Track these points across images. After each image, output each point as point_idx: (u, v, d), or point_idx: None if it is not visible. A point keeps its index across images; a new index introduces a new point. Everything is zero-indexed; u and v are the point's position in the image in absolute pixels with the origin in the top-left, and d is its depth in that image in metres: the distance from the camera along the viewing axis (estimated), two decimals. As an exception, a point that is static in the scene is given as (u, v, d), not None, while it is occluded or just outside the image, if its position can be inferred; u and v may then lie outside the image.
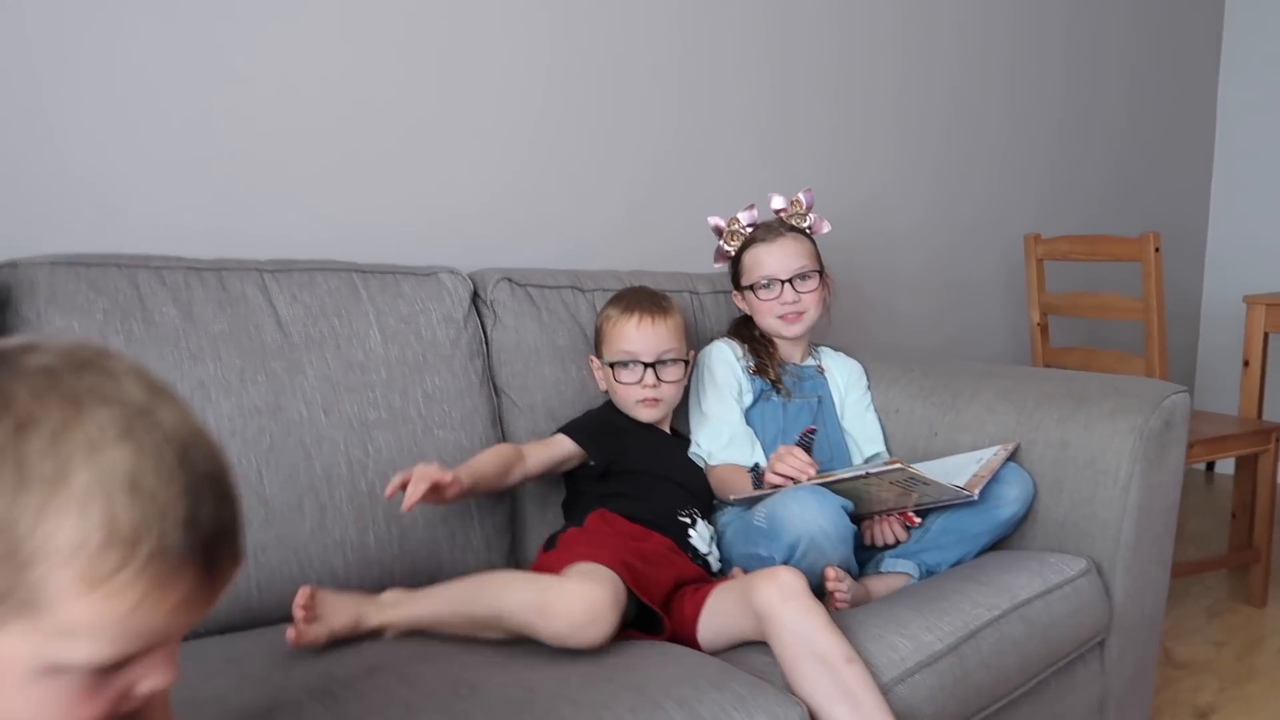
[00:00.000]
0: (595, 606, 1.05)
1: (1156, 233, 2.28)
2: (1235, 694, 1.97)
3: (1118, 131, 3.20)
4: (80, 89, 1.37)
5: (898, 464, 1.32)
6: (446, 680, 1.01)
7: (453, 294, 1.50)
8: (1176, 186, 3.50)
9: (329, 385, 1.33)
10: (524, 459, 1.41)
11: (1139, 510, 1.45)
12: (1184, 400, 1.51)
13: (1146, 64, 3.27)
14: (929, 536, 1.48)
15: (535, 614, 1.06)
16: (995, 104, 2.77)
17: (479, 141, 1.77)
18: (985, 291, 2.80)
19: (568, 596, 1.06)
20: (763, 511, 1.33)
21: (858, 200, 2.42)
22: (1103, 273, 2.74)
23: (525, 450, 1.42)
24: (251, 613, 1.24)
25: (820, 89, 2.33)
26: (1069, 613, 1.38)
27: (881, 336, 2.47)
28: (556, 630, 1.05)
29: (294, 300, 1.35)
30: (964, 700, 1.21)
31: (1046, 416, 1.53)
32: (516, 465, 1.39)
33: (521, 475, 1.41)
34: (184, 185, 1.46)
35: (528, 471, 1.41)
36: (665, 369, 1.51)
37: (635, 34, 1.97)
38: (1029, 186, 2.90)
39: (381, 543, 1.33)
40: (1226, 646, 2.19)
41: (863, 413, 1.73)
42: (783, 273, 1.63)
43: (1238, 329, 2.67)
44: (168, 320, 1.24)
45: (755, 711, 0.98)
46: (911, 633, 1.19)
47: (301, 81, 1.56)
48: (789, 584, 1.12)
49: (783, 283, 1.63)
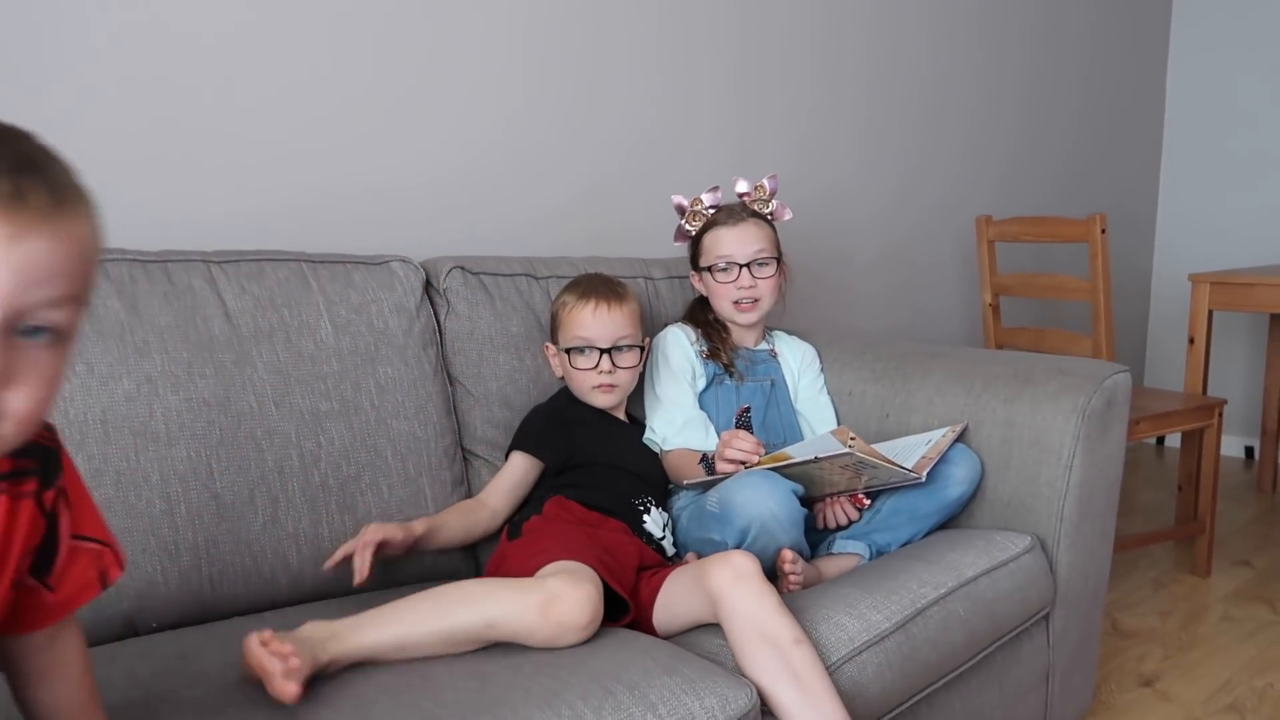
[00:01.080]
0: (593, 608, 1.07)
1: (1103, 214, 2.32)
2: (1179, 661, 2.03)
3: (1073, 115, 3.25)
4: (18, 74, 1.34)
5: (847, 449, 1.34)
6: (400, 670, 1.01)
7: (405, 283, 1.49)
8: (1128, 168, 3.57)
9: (279, 377, 1.33)
10: (486, 504, 1.43)
11: (1081, 487, 1.49)
12: (1125, 380, 1.55)
13: (1099, 49, 3.32)
14: (879, 517, 1.51)
15: (536, 617, 1.05)
16: (957, 90, 2.80)
17: (429, 128, 1.75)
18: (940, 273, 2.84)
19: (569, 599, 1.06)
20: (715, 497, 1.35)
21: (820, 186, 2.44)
22: (1055, 254, 2.79)
23: (483, 495, 1.44)
24: (204, 606, 1.23)
25: (785, 76, 2.34)
26: (1014, 589, 1.41)
27: (838, 319, 2.50)
28: (553, 633, 1.05)
29: (242, 291, 1.34)
30: (911, 676, 1.24)
31: (993, 397, 1.56)
32: (479, 511, 1.42)
33: (490, 519, 1.42)
34: (128, 176, 1.44)
35: (496, 511, 1.43)
36: (621, 355, 1.52)
37: (594, 19, 1.96)
38: (986, 170, 2.94)
39: (335, 535, 1.33)
40: (1171, 616, 2.26)
41: (816, 395, 1.75)
42: (740, 256, 1.65)
43: (1185, 307, 2.73)
44: (112, 314, 1.23)
45: (705, 694, 1.00)
46: (860, 612, 1.22)
47: (247, 69, 1.54)
48: (742, 567, 1.14)
49: (740, 266, 1.64)
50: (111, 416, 1.19)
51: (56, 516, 0.71)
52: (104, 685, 0.85)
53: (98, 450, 1.17)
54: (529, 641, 1.06)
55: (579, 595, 1.07)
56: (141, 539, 1.19)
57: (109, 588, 0.77)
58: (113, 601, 1.16)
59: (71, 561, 0.73)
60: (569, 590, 1.07)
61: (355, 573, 1.23)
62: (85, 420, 1.17)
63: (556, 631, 1.05)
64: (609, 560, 1.21)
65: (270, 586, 1.28)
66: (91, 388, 1.18)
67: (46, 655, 0.76)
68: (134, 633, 1.19)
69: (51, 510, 0.71)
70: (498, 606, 1.07)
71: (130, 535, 1.18)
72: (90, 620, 1.14)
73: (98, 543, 0.76)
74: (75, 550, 0.74)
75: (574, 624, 1.05)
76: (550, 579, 1.10)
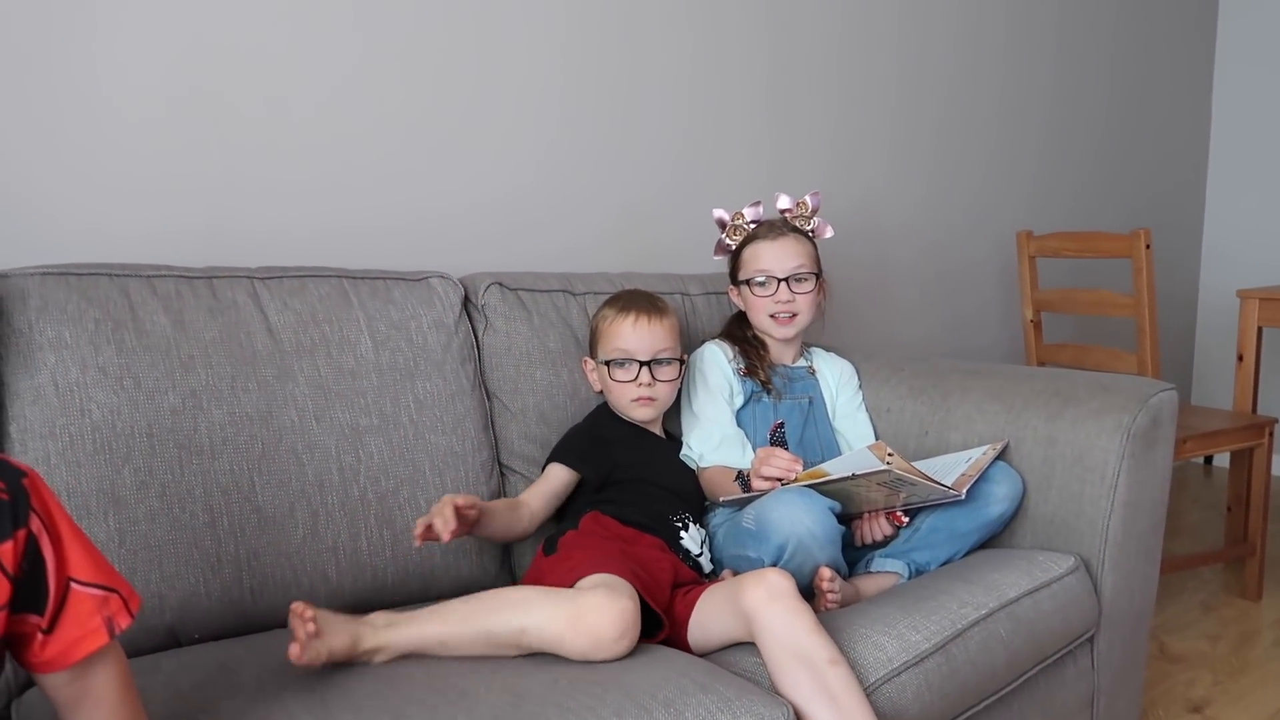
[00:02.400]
0: (626, 620, 1.06)
1: (1147, 229, 2.28)
2: (1229, 687, 1.98)
3: (1115, 125, 3.21)
4: (65, 97, 1.38)
5: (885, 466, 1.33)
6: (436, 686, 1.02)
7: (443, 299, 1.51)
8: (1172, 179, 3.50)
9: (320, 392, 1.34)
10: (527, 504, 1.43)
11: (1126, 507, 1.46)
12: (1171, 398, 1.52)
13: (1141, 58, 3.27)
14: (918, 535, 1.49)
15: (568, 628, 1.05)
16: (987, 98, 2.77)
17: (468, 147, 1.77)
18: (977, 283, 2.81)
19: (600, 611, 1.06)
20: (751, 514, 1.34)
21: (853, 197, 2.43)
22: (1096, 267, 2.75)
23: (523, 498, 1.45)
24: (245, 618, 1.25)
25: (816, 88, 2.34)
26: (1056, 610, 1.38)
27: (874, 328, 2.48)
28: (586, 646, 1.05)
29: (284, 307, 1.37)
30: (951, 698, 1.22)
31: (1035, 415, 1.54)
32: (521, 510, 1.42)
33: (529, 519, 1.43)
34: (174, 195, 1.47)
35: (534, 514, 1.43)
36: (661, 368, 1.52)
37: (629, 38, 1.97)
38: (1021, 179, 2.91)
39: (374, 548, 1.34)
40: (1221, 640, 2.20)
41: (854, 412, 1.74)
42: (779, 271, 1.64)
43: (1234, 323, 2.67)
44: (159, 329, 1.26)
45: (740, 713, 0.99)
46: (898, 632, 1.20)
47: (291, 89, 1.57)
48: (777, 585, 1.13)
49: (779, 281, 1.64)
50: (157, 430, 1.21)
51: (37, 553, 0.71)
52: (146, 695, 0.87)
53: (144, 463, 1.19)
54: (561, 652, 1.06)
55: (610, 608, 1.06)
56: (185, 551, 1.21)
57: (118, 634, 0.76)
58: (155, 613, 1.18)
59: (71, 605, 0.73)
60: (601, 603, 1.07)
61: (443, 531, 1.20)
62: (132, 433, 1.19)
63: (589, 644, 1.05)
64: (644, 576, 1.21)
65: (309, 598, 1.25)
66: (139, 401, 1.21)
67: (73, 688, 0.77)
68: (176, 643, 1.21)
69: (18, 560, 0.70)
70: (529, 615, 1.08)
71: (174, 547, 1.20)
72: (134, 631, 1.15)
73: (101, 589, 0.75)
74: (75, 596, 0.73)
75: (605, 637, 1.05)
76: (586, 591, 1.10)
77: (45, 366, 1.17)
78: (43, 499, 0.73)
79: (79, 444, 1.16)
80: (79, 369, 1.18)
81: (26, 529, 0.71)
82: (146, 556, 1.18)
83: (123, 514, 1.17)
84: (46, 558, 0.72)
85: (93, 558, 0.75)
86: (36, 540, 0.71)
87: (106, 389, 1.19)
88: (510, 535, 1.42)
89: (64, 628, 0.73)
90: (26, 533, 0.71)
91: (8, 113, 1.34)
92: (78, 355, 1.18)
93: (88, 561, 0.75)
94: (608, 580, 1.13)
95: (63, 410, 1.16)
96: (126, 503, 1.18)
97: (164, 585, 1.19)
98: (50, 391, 1.16)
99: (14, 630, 0.72)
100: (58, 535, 0.73)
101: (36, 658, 0.73)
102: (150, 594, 1.18)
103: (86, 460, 1.16)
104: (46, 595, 0.72)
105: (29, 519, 0.71)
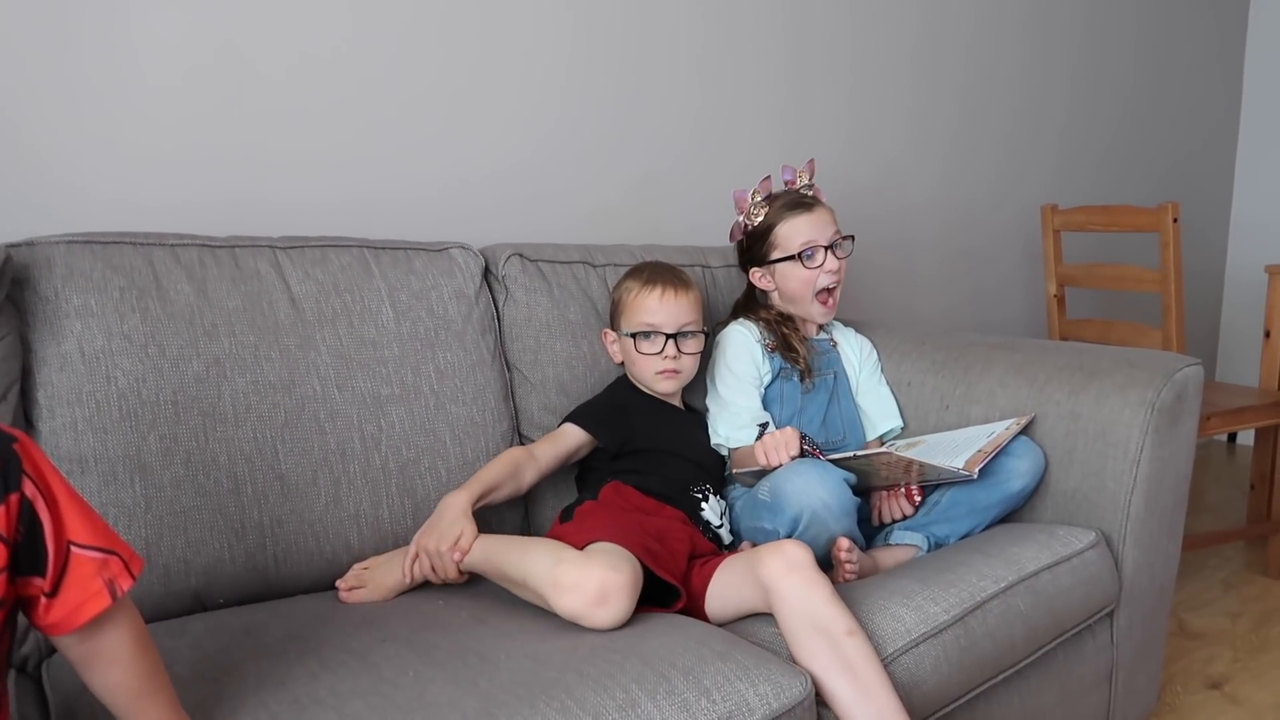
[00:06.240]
0: (607, 587, 1.06)
1: (1175, 203, 2.25)
2: (1248, 664, 1.97)
3: (1142, 96, 3.15)
4: (88, 69, 1.38)
5: (884, 449, 1.32)
6: (456, 651, 1.03)
7: (464, 270, 1.51)
8: (1201, 155, 3.44)
9: (342, 361, 1.35)
10: (535, 458, 1.43)
11: (1149, 482, 1.45)
12: (1196, 373, 1.50)
13: (1169, 24, 3.21)
14: (938, 509, 1.48)
15: (550, 586, 1.08)
16: (1009, 68, 2.73)
17: (490, 117, 1.77)
18: (999, 258, 2.78)
19: (581, 573, 1.07)
20: (766, 486, 1.34)
21: (872, 170, 2.40)
22: (1120, 242, 2.71)
23: (534, 449, 1.44)
24: (268, 584, 1.27)
25: (835, 62, 2.31)
26: (1076, 584, 1.38)
27: (895, 304, 2.47)
28: (567, 606, 1.07)
29: (306, 277, 1.37)
30: (969, 670, 1.22)
31: (1058, 389, 1.53)
32: (528, 465, 1.41)
33: (535, 474, 1.42)
34: (198, 165, 1.48)
35: (541, 469, 1.43)
36: (686, 341, 1.52)
37: (651, 9, 1.95)
38: (1044, 152, 2.87)
39: (395, 516, 1.35)
40: (1242, 618, 2.19)
41: (875, 387, 1.72)
42: (824, 239, 1.62)
43: (1261, 299, 2.63)
44: (183, 297, 1.26)
45: (759, 681, 1.00)
46: (917, 604, 1.20)
47: (311, 58, 1.56)
48: (794, 556, 1.13)
49: (825, 249, 1.62)
50: (182, 397, 1.22)
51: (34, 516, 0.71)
52: (171, 657, 0.88)
53: (169, 430, 1.21)
54: (550, 608, 1.09)
55: (591, 569, 1.07)
56: (210, 517, 1.22)
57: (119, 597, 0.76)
58: (181, 577, 1.20)
59: (72, 568, 0.74)
60: (584, 563, 1.08)
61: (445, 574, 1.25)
62: (157, 400, 1.21)
63: (567, 603, 1.07)
64: (656, 548, 1.21)
65: (332, 566, 1.31)
66: (163, 369, 1.22)
67: (84, 648, 0.78)
68: (202, 607, 1.23)
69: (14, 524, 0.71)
70: (534, 565, 1.12)
71: (199, 513, 1.21)
72: (160, 595, 1.19)
73: (101, 551, 0.76)
74: (75, 559, 0.74)
75: (580, 596, 1.06)
76: (571, 555, 1.11)
77: (71, 334, 1.18)
78: (35, 463, 0.73)
79: (105, 410, 1.17)
80: (104, 336, 1.19)
81: (20, 493, 0.71)
82: (172, 523, 1.19)
83: (149, 480, 1.19)
84: (44, 521, 0.72)
85: (90, 520, 0.76)
86: (31, 504, 0.72)
87: (132, 356, 1.20)
88: (513, 496, 1.42)
89: (67, 591, 0.74)
90: (20, 496, 0.71)
91: (34, 82, 1.34)
92: (103, 323, 1.20)
93: (85, 524, 0.75)
94: (605, 548, 1.13)
95: (89, 377, 1.18)
96: (152, 469, 1.19)
97: (189, 551, 1.20)
98: (76, 358, 1.17)
99: (21, 594, 0.73)
100: (53, 499, 0.73)
101: (43, 620, 0.74)
102: (176, 559, 1.20)
103: (113, 427, 1.17)
104: (46, 558, 0.73)
105: (21, 483, 0.71)
